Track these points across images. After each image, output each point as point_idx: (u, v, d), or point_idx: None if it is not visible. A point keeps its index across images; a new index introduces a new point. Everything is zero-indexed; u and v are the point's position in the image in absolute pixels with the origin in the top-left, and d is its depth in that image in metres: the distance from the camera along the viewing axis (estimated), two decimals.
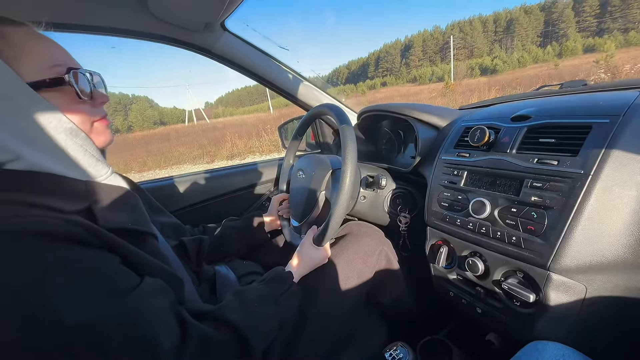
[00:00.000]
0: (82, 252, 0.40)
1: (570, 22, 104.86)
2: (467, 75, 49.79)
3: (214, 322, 0.52)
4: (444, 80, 21.85)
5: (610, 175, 0.52)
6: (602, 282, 0.56)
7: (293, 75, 1.28)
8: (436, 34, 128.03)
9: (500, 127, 0.72)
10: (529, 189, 0.60)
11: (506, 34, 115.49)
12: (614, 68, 10.76)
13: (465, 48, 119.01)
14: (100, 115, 0.55)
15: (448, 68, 61.29)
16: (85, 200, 0.47)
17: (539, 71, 28.55)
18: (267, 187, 1.44)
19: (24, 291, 0.35)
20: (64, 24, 0.85)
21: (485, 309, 0.71)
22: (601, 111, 0.59)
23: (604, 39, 62.77)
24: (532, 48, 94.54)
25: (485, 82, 18.49)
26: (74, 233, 0.40)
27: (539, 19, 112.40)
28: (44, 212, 0.40)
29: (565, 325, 0.59)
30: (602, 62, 13.12)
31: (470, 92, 13.73)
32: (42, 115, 0.44)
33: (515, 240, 0.61)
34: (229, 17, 1.02)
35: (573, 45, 75.00)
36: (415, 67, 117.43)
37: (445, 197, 0.78)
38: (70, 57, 0.52)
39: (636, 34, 68.66)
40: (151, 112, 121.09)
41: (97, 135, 0.54)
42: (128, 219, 0.51)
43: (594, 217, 0.52)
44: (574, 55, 65.35)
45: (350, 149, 0.75)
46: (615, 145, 0.53)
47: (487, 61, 79.70)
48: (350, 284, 0.79)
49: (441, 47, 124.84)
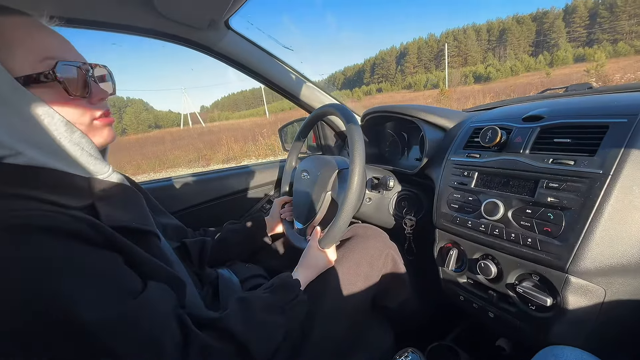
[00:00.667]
0: (89, 250, 0.39)
1: (561, 32, 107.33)
2: (461, 83, 50.50)
3: (217, 331, 0.50)
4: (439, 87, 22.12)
5: (630, 174, 0.51)
6: (622, 284, 0.54)
7: (296, 76, 1.27)
8: (431, 41, 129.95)
9: (512, 128, 0.71)
10: (545, 189, 0.59)
11: (499, 42, 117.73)
12: (605, 77, 11.02)
13: (459, 56, 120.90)
14: (100, 112, 0.52)
15: (442, 75, 62.11)
16: (89, 198, 0.45)
17: (532, 79, 29.08)
18: (268, 189, 1.41)
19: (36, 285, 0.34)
20: (67, 18, 0.83)
21: (498, 313, 0.69)
22: (617, 111, 0.58)
23: (594, 49, 64.23)
24: (524, 57, 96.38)
25: (480, 90, 18.77)
26: (80, 229, 0.38)
27: (530, 28, 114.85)
28: (51, 207, 0.39)
29: (583, 329, 0.58)
30: (592, 72, 13.43)
31: (465, 98, 13.91)
32: (33, 112, 0.43)
33: (530, 242, 0.59)
34: (233, 15, 1.00)
35: (564, 55, 76.59)
36: (410, 74, 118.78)
37: (455, 199, 0.76)
38: (68, 49, 0.49)
39: (625, 45, 70.46)
40: (146, 115, 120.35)
41: (96, 134, 0.51)
42: (131, 218, 0.49)
43: (614, 217, 0.51)
44: (565, 64, 66.71)
45: (359, 147, 0.73)
46: (635, 144, 0.52)
47: (481, 69, 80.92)
48: (357, 287, 0.77)
49: (436, 55, 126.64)
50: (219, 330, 0.50)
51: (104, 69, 0.54)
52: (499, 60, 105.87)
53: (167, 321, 0.43)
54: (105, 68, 0.55)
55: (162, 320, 0.43)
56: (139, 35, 0.98)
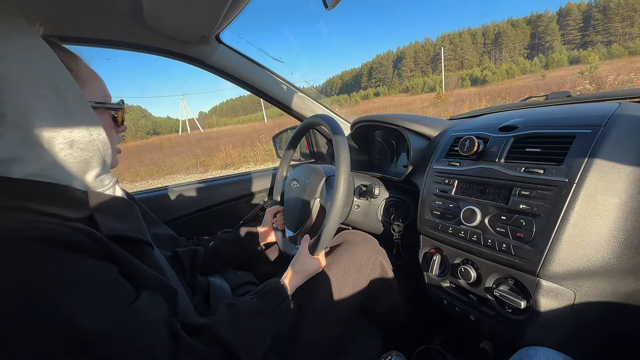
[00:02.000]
0: (87, 261, 0.41)
1: (555, 35, 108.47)
2: (458, 86, 50.84)
3: (206, 337, 0.52)
4: (436, 90, 22.28)
5: (593, 183, 0.54)
6: (590, 287, 0.57)
7: (287, 86, 1.30)
8: (427, 45, 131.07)
9: (489, 137, 0.74)
10: (517, 197, 0.62)
11: (495, 46, 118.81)
12: (599, 79, 11.13)
13: (456, 59, 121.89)
14: (118, 141, 0.62)
15: (439, 78, 62.55)
16: (87, 209, 0.48)
17: (527, 82, 29.30)
18: (261, 197, 1.44)
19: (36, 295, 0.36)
20: (59, 36, 0.86)
21: (478, 316, 0.72)
22: (583, 122, 0.61)
23: (588, 51, 64.96)
24: (519, 60, 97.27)
25: (476, 92, 18.89)
26: (80, 241, 0.41)
27: (525, 32, 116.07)
28: (52, 220, 0.42)
29: (556, 331, 0.61)
30: (586, 73, 13.56)
31: (462, 102, 14.00)
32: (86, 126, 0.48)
33: (505, 247, 0.62)
34: (224, 30, 1.04)
35: (559, 57, 77.39)
36: (407, 78, 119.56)
37: (437, 206, 0.79)
38: None
39: (619, 47, 71.25)
40: (144, 122, 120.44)
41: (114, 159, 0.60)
42: (129, 227, 0.52)
43: (579, 223, 0.54)
44: (560, 66, 67.38)
45: (343, 157, 0.76)
46: (597, 154, 0.55)
47: (477, 72, 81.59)
48: (345, 293, 0.79)
49: (432, 59, 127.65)
50: (207, 336, 0.52)
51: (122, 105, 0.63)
52: (495, 63, 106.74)
53: (158, 328, 0.46)
54: None
55: (154, 327, 0.45)
56: (131, 51, 1.01)
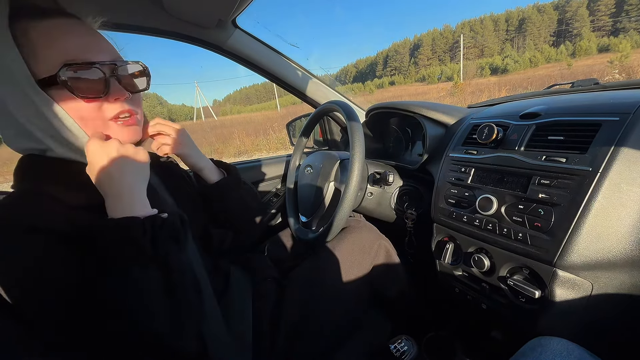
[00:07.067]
0: None
1: (584, 21, 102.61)
2: (476, 75, 49.16)
3: None
4: (453, 79, 21.60)
5: (619, 172, 0.52)
6: (609, 279, 0.56)
7: (302, 72, 1.30)
8: (446, 32, 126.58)
9: (509, 125, 0.72)
10: (537, 185, 0.60)
11: (518, 32, 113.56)
12: (629, 68, 10.52)
13: (476, 47, 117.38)
14: (116, 112, 0.50)
15: (457, 67, 60.60)
16: None
17: (551, 71, 28.03)
18: (274, 184, 1.45)
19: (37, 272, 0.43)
20: None
21: (490, 304, 0.71)
22: (611, 109, 0.59)
23: (619, 39, 61.21)
24: (544, 47, 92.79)
25: (496, 82, 18.24)
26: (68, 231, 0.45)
27: (552, 17, 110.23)
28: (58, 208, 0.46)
29: (570, 321, 0.60)
30: (616, 63, 12.83)
31: (480, 91, 13.56)
32: (48, 112, 0.46)
33: (521, 236, 0.61)
34: (241, 14, 1.03)
35: (587, 45, 73.35)
36: (424, 67, 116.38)
37: (452, 194, 0.78)
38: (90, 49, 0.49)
39: None
40: (160, 109, 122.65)
41: (112, 134, 0.51)
42: None
43: (601, 214, 0.53)
44: (587, 55, 63.93)
45: (358, 139, 0.77)
46: (624, 143, 0.53)
47: (498, 60, 78.54)
48: (351, 275, 0.80)
49: (451, 46, 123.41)
50: None
51: (136, 65, 0.53)
52: (518, 51, 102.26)
53: None
54: (139, 64, 0.53)
55: None
56: (149, 35, 1.02)
